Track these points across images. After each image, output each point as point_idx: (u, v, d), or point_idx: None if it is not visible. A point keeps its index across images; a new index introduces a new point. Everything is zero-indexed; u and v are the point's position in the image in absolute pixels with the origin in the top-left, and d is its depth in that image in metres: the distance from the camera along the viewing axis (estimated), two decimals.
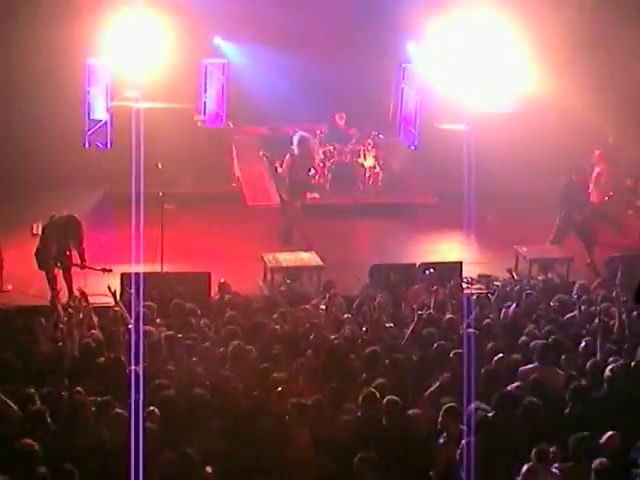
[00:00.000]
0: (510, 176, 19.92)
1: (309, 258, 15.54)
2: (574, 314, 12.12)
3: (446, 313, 11.83)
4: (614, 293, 12.55)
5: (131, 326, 10.74)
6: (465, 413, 8.37)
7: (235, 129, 21.27)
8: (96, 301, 12.08)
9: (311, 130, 20.78)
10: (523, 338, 11.01)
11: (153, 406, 8.51)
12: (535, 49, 20.83)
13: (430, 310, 11.92)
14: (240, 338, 10.56)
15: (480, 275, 15.85)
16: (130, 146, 15.02)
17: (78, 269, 14.09)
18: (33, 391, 8.83)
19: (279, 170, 18.13)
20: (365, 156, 20.67)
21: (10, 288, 14.50)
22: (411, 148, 22.76)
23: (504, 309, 12.24)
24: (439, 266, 14.81)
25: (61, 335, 10.63)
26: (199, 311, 12.03)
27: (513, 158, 19.96)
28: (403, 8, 20.82)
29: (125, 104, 19.87)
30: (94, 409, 8.56)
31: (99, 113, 20.84)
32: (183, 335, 10.77)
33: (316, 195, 20.06)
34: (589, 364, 9.91)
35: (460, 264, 15.48)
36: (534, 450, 7.83)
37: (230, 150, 20.87)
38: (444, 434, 8.36)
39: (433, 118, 22.01)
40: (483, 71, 21.69)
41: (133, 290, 11.94)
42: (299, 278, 15.10)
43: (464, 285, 14.93)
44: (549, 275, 15.70)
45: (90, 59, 20.38)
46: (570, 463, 7.95)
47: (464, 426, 8.20)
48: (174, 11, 19.76)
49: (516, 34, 20.94)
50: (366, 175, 20.69)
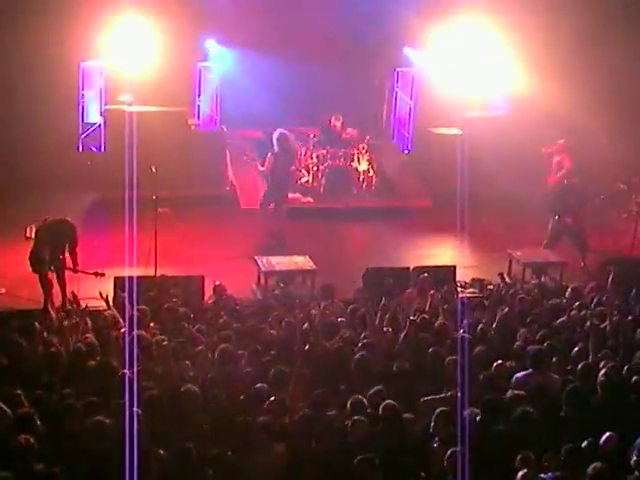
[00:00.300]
0: (504, 180, 19.93)
1: (302, 262, 15.53)
2: (566, 318, 12.13)
3: (439, 317, 11.81)
4: (604, 297, 12.62)
5: (124, 330, 10.74)
6: (458, 418, 8.33)
7: (229, 133, 21.25)
8: (90, 305, 12.07)
9: (305, 134, 20.84)
10: (518, 343, 11.01)
11: (141, 408, 8.46)
12: (528, 52, 20.88)
13: (424, 314, 11.91)
14: (233, 342, 10.54)
15: (474, 279, 15.85)
16: (124, 149, 15.02)
17: (71, 272, 14.08)
18: (20, 392, 8.82)
19: (261, 169, 18.14)
20: (359, 160, 20.67)
21: (3, 291, 14.48)
22: (405, 152, 22.77)
23: (498, 313, 12.23)
24: (433, 270, 14.81)
25: (54, 339, 10.62)
26: (192, 315, 12.02)
27: (507, 162, 19.98)
28: (397, 13, 20.86)
29: (119, 107, 19.85)
30: (82, 412, 8.52)
31: (93, 116, 20.81)
32: (175, 339, 10.73)
33: (310, 199, 20.09)
34: (580, 368, 9.89)
35: (454, 268, 15.49)
36: (519, 457, 7.81)
37: (224, 154, 20.86)
38: (436, 438, 8.35)
39: (427, 122, 22.02)
40: (477, 75, 21.73)
41: (126, 294, 11.91)
42: (292, 282, 15.11)
43: (458, 289, 14.92)
44: (543, 279, 15.72)
45: (84, 62, 20.36)
46: (563, 471, 7.91)
47: (458, 431, 8.17)
48: (168, 14, 19.75)
49: (509, 37, 20.99)
50: (360, 179, 20.69)
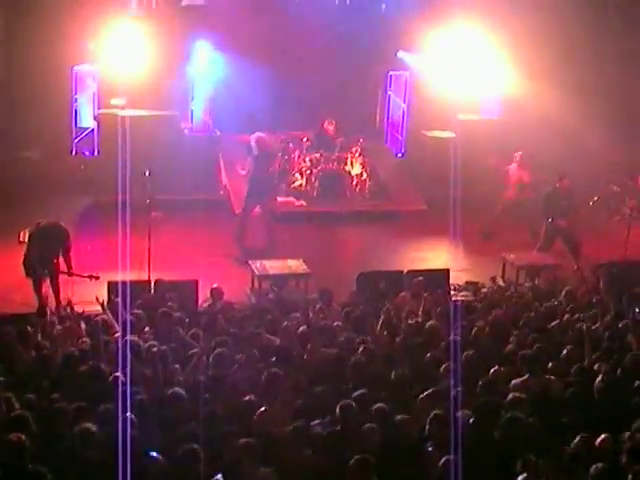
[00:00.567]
0: (497, 183, 19.95)
1: (296, 265, 15.54)
2: (559, 321, 12.14)
3: (432, 321, 11.81)
4: (595, 299, 12.64)
5: (118, 334, 10.73)
6: (452, 422, 8.32)
7: (222, 137, 21.24)
8: (84, 309, 12.06)
9: (298, 137, 20.84)
10: (510, 346, 11.01)
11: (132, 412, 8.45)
12: (521, 56, 20.95)
13: (417, 318, 11.92)
14: (230, 347, 10.52)
15: (467, 282, 15.87)
16: (117, 154, 15.01)
17: (65, 277, 14.08)
18: (11, 395, 8.82)
19: (242, 172, 18.18)
20: (352, 163, 20.69)
21: None
22: (398, 155, 22.79)
23: (491, 316, 12.25)
24: (426, 273, 14.81)
25: (47, 343, 10.61)
26: (187, 319, 12.02)
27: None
28: (391, 16, 20.92)
29: (112, 112, 19.85)
30: (73, 416, 8.51)
31: (86, 121, 20.82)
32: (168, 344, 10.72)
33: (303, 202, 20.11)
34: (575, 371, 9.90)
35: (447, 271, 15.50)
36: (519, 461, 7.80)
37: (217, 158, 20.85)
38: (430, 442, 8.36)
39: (420, 125, 22.04)
40: (470, 78, 21.75)
41: (120, 298, 11.88)
42: (286, 285, 15.11)
43: (451, 292, 14.93)
44: (536, 282, 15.73)
45: (77, 66, 20.37)
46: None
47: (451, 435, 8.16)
48: (161, 18, 19.77)
49: (502, 41, 21.05)
50: (353, 183, 20.70)
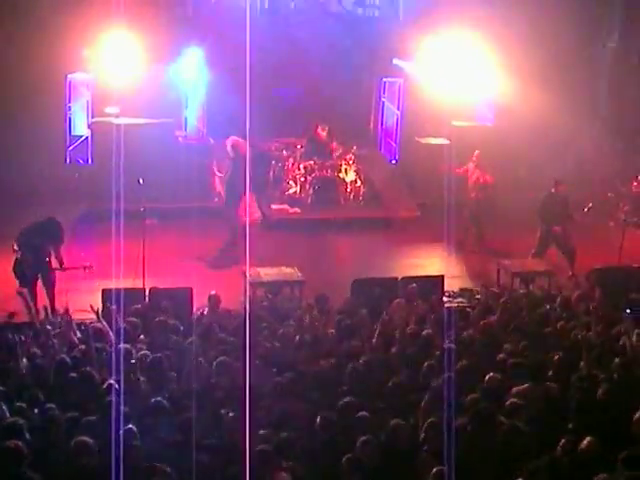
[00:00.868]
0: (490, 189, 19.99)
1: (290, 272, 15.54)
2: (554, 327, 12.13)
3: (426, 328, 11.79)
4: (592, 307, 12.62)
5: (112, 342, 10.72)
6: (445, 428, 8.31)
7: (216, 145, 21.23)
8: (79, 317, 12.05)
9: (292, 144, 20.86)
10: (503, 353, 10.99)
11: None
12: (515, 63, 20.98)
13: (412, 325, 11.90)
14: (230, 355, 10.50)
15: (462, 289, 15.87)
16: (111, 162, 15.02)
17: (61, 285, 14.09)
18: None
19: (218, 174, 18.23)
20: (346, 170, 20.71)
21: None
22: (392, 162, 22.81)
23: (485, 323, 12.22)
24: (421, 280, 14.80)
25: (40, 351, 10.60)
26: (181, 327, 12.01)
27: (494, 171, 20.02)
28: (384, 24, 20.96)
29: (106, 120, 19.85)
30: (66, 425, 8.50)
31: (80, 129, 20.83)
32: (163, 352, 10.70)
33: (297, 209, 20.12)
34: (575, 379, 9.89)
35: (442, 278, 15.49)
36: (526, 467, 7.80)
37: (211, 165, 20.84)
38: (425, 447, 8.35)
39: (414, 132, 22.07)
40: (464, 85, 21.78)
41: (114, 306, 11.87)
42: (280, 293, 15.09)
43: (445, 299, 14.92)
44: (531, 288, 15.73)
45: (71, 75, 20.37)
46: None
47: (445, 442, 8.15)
48: (154, 27, 19.76)
49: (496, 48, 21.08)
50: (347, 189, 20.73)
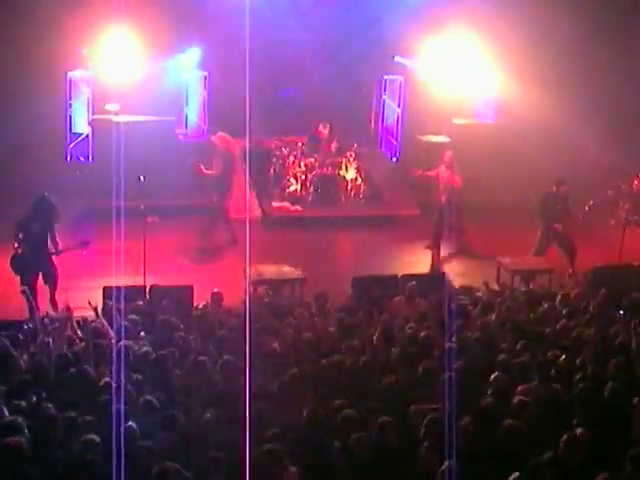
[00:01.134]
0: (492, 187, 20.00)
1: (291, 270, 15.54)
2: (554, 326, 12.13)
3: (427, 326, 11.80)
4: (592, 306, 12.63)
5: (112, 340, 10.73)
6: (447, 426, 8.31)
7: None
8: (80, 314, 12.07)
9: (293, 142, 20.86)
10: (503, 352, 11.00)
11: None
12: (516, 61, 20.99)
13: (412, 324, 11.91)
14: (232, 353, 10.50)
15: (462, 287, 15.86)
16: (112, 159, 15.01)
17: (61, 282, 14.09)
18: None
19: (206, 172, 18.27)
20: (347, 168, 20.70)
21: None
22: (393, 160, 22.81)
23: (486, 321, 12.24)
24: (421, 278, 14.80)
25: (39, 349, 10.61)
26: (181, 325, 12.02)
27: (495, 169, 20.04)
28: (386, 21, 20.93)
29: (106, 117, 19.85)
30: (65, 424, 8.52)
31: (80, 126, 20.82)
32: (167, 349, 10.72)
33: (298, 207, 20.12)
34: (578, 378, 9.88)
35: (443, 275, 15.50)
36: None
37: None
38: (425, 444, 8.35)
39: (415, 130, 22.06)
40: (465, 83, 21.79)
41: (114, 303, 11.88)
42: (280, 290, 15.10)
43: (446, 297, 14.90)
44: (531, 286, 15.74)
45: (71, 72, 20.36)
46: None
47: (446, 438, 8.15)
48: (154, 24, 19.74)
49: (498, 46, 21.09)
50: (348, 187, 20.72)
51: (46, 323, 11.86)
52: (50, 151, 19.86)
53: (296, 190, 20.53)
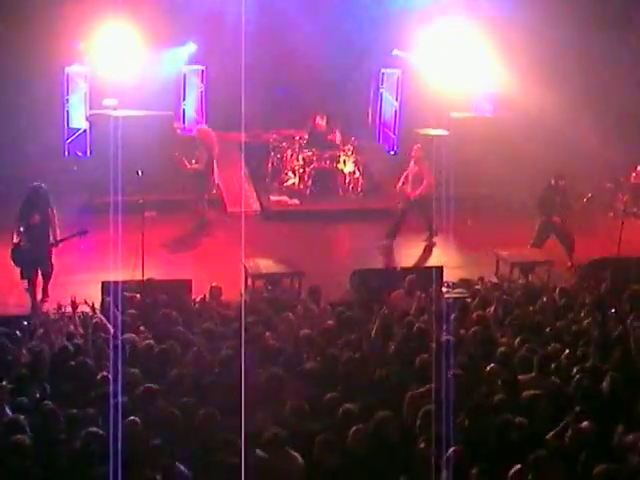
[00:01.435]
0: (491, 180, 20.00)
1: (290, 264, 15.52)
2: (551, 319, 12.13)
3: (425, 319, 11.79)
4: (588, 299, 12.62)
5: (112, 334, 10.73)
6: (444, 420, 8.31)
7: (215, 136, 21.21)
8: (79, 310, 12.06)
9: (290, 136, 20.86)
10: (501, 345, 10.99)
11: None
12: (514, 54, 20.95)
13: (410, 316, 11.90)
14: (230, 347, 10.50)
15: (461, 279, 15.86)
16: (109, 154, 15.02)
17: (60, 280, 14.12)
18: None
19: (189, 166, 18.28)
20: (345, 162, 20.69)
21: None
22: (391, 153, 22.81)
23: (483, 314, 12.22)
24: (420, 271, 14.79)
25: (39, 344, 10.62)
26: (181, 319, 12.02)
27: (494, 162, 20.02)
28: (383, 14, 20.93)
29: (104, 112, 19.84)
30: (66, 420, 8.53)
31: (78, 121, 20.79)
32: (166, 343, 10.72)
33: (296, 201, 20.11)
34: (578, 371, 9.88)
35: (441, 269, 15.49)
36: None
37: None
38: (422, 437, 8.35)
39: (413, 123, 22.05)
40: (463, 76, 21.77)
41: (111, 298, 11.87)
42: (279, 284, 15.09)
43: (445, 290, 14.91)
44: (530, 278, 15.74)
45: (68, 67, 20.35)
46: None
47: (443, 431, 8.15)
48: (152, 18, 19.75)
49: (496, 39, 21.06)
50: (346, 181, 20.71)
51: (49, 318, 11.86)
52: (48, 146, 19.81)
53: (294, 184, 20.52)
